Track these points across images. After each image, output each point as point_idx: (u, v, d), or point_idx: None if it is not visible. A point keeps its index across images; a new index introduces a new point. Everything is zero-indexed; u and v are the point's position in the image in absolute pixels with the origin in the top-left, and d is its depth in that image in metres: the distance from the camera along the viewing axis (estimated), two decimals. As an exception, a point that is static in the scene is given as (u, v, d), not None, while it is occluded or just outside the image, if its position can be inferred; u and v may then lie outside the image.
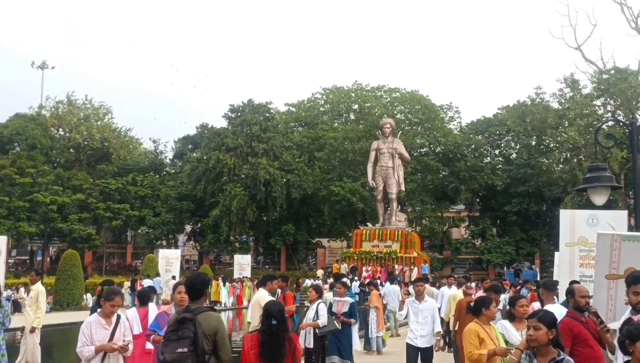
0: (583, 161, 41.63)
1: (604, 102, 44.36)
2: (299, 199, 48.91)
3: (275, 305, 6.78)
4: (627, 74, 44.10)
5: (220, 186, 48.96)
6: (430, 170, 49.04)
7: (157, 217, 51.76)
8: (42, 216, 48.33)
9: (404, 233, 38.21)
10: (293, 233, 49.94)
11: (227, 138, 50.13)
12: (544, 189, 45.59)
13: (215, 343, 6.47)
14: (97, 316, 7.55)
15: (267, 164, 47.84)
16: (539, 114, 45.46)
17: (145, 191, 52.37)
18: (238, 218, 47.87)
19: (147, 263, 36.87)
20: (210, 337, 6.40)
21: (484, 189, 49.15)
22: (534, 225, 48.40)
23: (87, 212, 50.51)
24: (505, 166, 50.25)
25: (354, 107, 54.44)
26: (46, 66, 65.32)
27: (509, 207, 47.58)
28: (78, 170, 53.48)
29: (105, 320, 7.40)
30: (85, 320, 7.48)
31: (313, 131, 53.02)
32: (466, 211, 53.66)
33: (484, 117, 52.18)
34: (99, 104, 58.96)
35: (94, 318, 7.48)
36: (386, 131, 40.66)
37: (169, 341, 6.28)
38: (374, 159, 40.20)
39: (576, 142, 42.35)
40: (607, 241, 7.86)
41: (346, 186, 47.30)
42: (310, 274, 43.05)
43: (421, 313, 10.42)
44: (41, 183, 48.63)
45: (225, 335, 6.92)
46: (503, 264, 45.88)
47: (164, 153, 60.85)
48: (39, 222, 48.38)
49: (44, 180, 48.95)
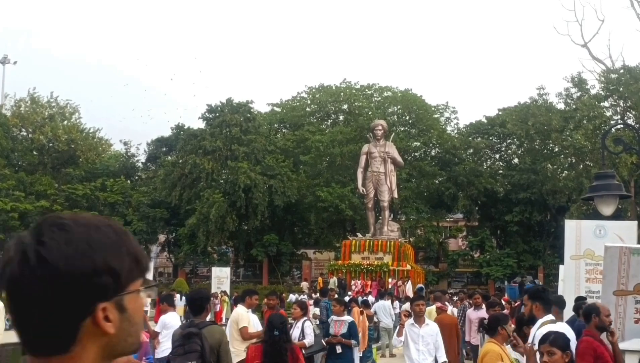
0: (590, 167, 41.60)
1: (612, 103, 44.14)
2: (283, 207, 48.53)
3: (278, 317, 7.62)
4: (638, 74, 43.55)
5: (197, 193, 48.68)
6: (426, 175, 48.89)
7: (128, 226, 51.05)
8: (1, 225, 47.58)
9: (397, 244, 37.58)
10: (276, 244, 49.49)
11: (204, 140, 49.92)
12: (547, 197, 45.35)
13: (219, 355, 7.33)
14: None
15: (248, 168, 47.49)
16: (542, 117, 45.21)
17: (115, 197, 51.73)
18: (216, 227, 47.43)
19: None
20: (215, 349, 7.21)
21: (484, 196, 48.99)
22: (537, 236, 48.23)
23: (52, 220, 50.00)
24: (506, 171, 50.41)
25: (342, 108, 54.18)
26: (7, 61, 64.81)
27: (510, 216, 47.36)
28: (42, 174, 52.78)
29: None
30: None
31: (298, 133, 52.80)
32: (464, 221, 53.52)
33: (485, 117, 52.14)
34: (65, 103, 58.46)
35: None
36: (378, 134, 40.27)
37: (177, 355, 7.05)
38: (364, 164, 39.66)
39: (583, 146, 41.92)
40: (616, 254, 7.88)
41: (334, 191, 46.98)
42: (295, 288, 42.88)
43: (422, 340, 9.52)
44: (1, 188, 47.62)
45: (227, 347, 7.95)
46: (504, 278, 45.45)
47: (135, 156, 60.26)
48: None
49: (5, 185, 47.91)
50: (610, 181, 10.72)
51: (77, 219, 1.23)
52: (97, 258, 1.18)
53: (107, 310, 1.21)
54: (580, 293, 12.68)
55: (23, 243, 1.19)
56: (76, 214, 1.27)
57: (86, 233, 1.20)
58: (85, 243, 1.19)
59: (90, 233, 1.21)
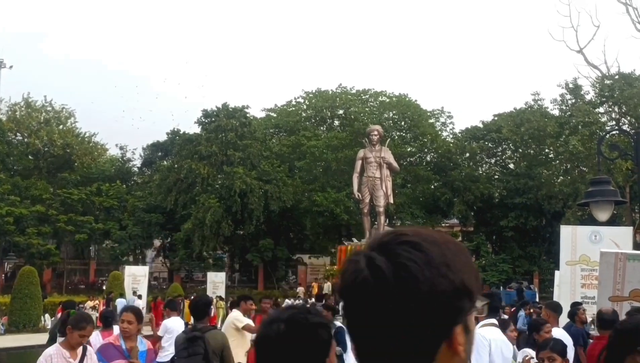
0: (585, 172, 41.77)
1: (607, 109, 44.37)
2: (278, 212, 48.63)
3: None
4: (633, 80, 43.96)
5: (192, 197, 48.64)
6: (421, 180, 49.14)
7: (124, 231, 51.14)
8: (-4, 229, 47.89)
9: (393, 249, 38.10)
10: (272, 249, 49.58)
11: (200, 145, 49.95)
12: (543, 202, 45.55)
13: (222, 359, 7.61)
14: (59, 347, 6.61)
15: (244, 173, 47.57)
16: (537, 122, 45.61)
17: (110, 202, 51.70)
18: (212, 232, 47.45)
19: (111, 280, 36.54)
20: (217, 352, 7.48)
21: (479, 202, 49.01)
22: (533, 241, 48.33)
23: (47, 225, 49.43)
24: (501, 176, 50.55)
25: (338, 113, 54.34)
26: (3, 65, 64.76)
27: (506, 221, 47.50)
28: (37, 179, 52.78)
29: (70, 353, 6.51)
30: (44, 353, 6.59)
31: (294, 138, 52.88)
32: (460, 226, 53.48)
33: (482, 122, 52.50)
34: (60, 107, 58.53)
35: (55, 349, 6.57)
36: (374, 139, 40.20)
37: (181, 358, 7.30)
38: (360, 169, 39.59)
39: (578, 152, 41.95)
40: (611, 260, 7.97)
41: (330, 196, 47.15)
42: (291, 293, 43.05)
43: None
44: (-5, 193, 47.89)
45: (230, 350, 8.13)
46: (499, 283, 45.56)
47: (131, 161, 60.26)
48: (-7, 236, 47.97)
49: (0, 189, 48.07)
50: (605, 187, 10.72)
51: (425, 236, 1.21)
52: (456, 279, 1.16)
53: (458, 333, 1.19)
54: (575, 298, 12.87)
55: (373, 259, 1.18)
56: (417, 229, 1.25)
57: (441, 253, 1.18)
58: (444, 265, 1.17)
59: (445, 252, 1.18)
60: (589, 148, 40.46)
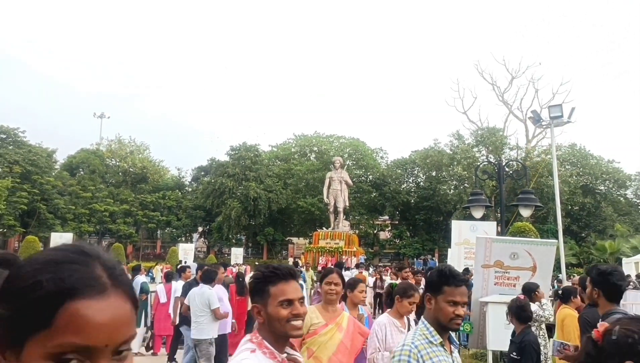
0: (467, 188, 42.27)
1: (480, 149, 44.89)
2: (277, 211, 48.71)
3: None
4: (496, 131, 45.02)
5: (222, 201, 48.55)
6: (365, 192, 49.19)
7: (179, 221, 51.40)
8: (98, 220, 47.86)
9: (348, 234, 38.03)
10: (272, 234, 49.58)
11: (228, 168, 49.94)
12: (441, 205, 45.64)
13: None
14: (388, 316, 4.40)
15: (255, 186, 47.63)
16: (436, 157, 45.85)
17: (171, 203, 51.83)
18: (235, 223, 47.47)
19: (171, 253, 36.82)
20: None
21: (402, 205, 49.20)
22: (435, 230, 48.33)
23: (130, 217, 50.09)
24: (416, 190, 50.55)
25: (314, 149, 54.46)
26: (104, 116, 64.84)
27: (419, 217, 47.68)
28: (124, 188, 53.03)
29: (399, 321, 4.35)
30: (376, 321, 4.40)
31: (287, 165, 52.98)
32: (390, 220, 53.33)
33: (403, 157, 52.89)
34: (140, 143, 58.87)
35: (386, 318, 4.35)
36: (336, 165, 40.82)
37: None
38: (328, 184, 39.97)
39: (462, 176, 43.24)
40: (482, 242, 7.83)
41: (309, 201, 47.80)
42: (284, 262, 43.03)
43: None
44: (98, 197, 48.20)
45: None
46: (414, 256, 45.86)
47: (184, 178, 60.39)
48: (96, 224, 47.96)
49: (100, 195, 48.45)
50: (479, 197, 10.80)
51: None
52: None
53: None
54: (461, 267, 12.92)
55: None
56: None
57: None
58: None
59: None
60: (469, 173, 41.06)
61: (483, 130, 45.57)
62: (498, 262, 7.47)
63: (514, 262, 7.44)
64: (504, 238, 8.51)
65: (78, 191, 47.24)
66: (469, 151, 44.04)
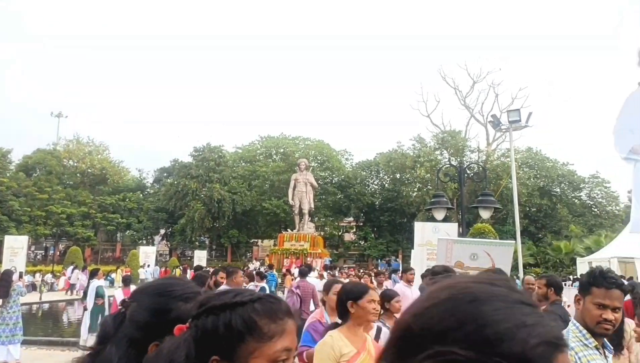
0: (430, 190, 42.66)
1: (442, 152, 45.38)
2: (241, 212, 48.43)
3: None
4: (457, 134, 45.72)
5: (186, 203, 48.01)
6: (330, 194, 49.33)
7: (140, 224, 50.43)
8: (54, 222, 46.50)
9: (313, 236, 38.10)
10: (237, 236, 49.26)
11: (191, 169, 49.33)
12: (405, 207, 45.91)
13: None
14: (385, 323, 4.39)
15: (219, 188, 47.32)
16: (400, 159, 46.16)
17: (132, 205, 50.81)
18: (198, 225, 47.11)
19: (131, 256, 36.09)
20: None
21: (367, 207, 49.66)
22: (399, 231, 48.54)
23: (88, 220, 48.77)
24: (380, 191, 51.04)
25: (280, 151, 54.28)
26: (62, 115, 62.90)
27: (383, 218, 48.17)
28: (83, 190, 51.62)
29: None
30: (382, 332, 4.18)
31: (251, 166, 52.71)
32: (354, 222, 53.70)
33: (368, 159, 52.94)
34: (99, 143, 57.41)
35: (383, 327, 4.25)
36: (301, 167, 40.93)
37: None
38: (293, 186, 40.05)
39: (425, 178, 43.22)
40: (444, 243, 7.80)
41: (274, 203, 47.60)
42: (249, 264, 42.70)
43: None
44: (55, 198, 46.83)
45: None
46: (378, 257, 46.33)
47: (146, 179, 59.26)
48: (52, 226, 46.51)
49: (57, 196, 47.07)
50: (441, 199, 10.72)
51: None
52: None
53: None
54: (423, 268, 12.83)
55: None
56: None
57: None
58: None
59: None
60: (431, 175, 41.13)
61: (445, 133, 46.16)
62: (459, 263, 7.56)
63: (474, 263, 7.57)
64: (464, 239, 8.64)
65: (34, 192, 45.81)
66: (432, 153, 44.49)
